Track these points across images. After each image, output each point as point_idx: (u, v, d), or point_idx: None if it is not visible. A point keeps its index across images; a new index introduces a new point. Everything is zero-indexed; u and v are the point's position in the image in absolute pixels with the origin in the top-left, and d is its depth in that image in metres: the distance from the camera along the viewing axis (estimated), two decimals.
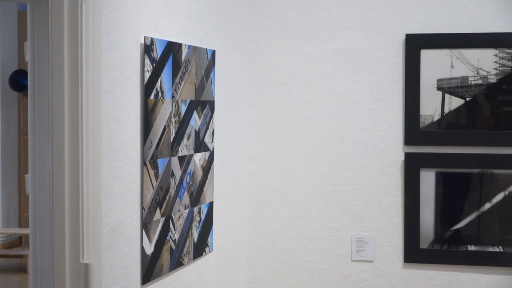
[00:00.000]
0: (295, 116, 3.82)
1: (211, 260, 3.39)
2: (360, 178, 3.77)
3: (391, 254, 3.77)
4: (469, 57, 3.64)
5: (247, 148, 3.86)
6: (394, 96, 3.73)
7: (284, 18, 3.81)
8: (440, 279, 3.73)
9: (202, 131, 3.24)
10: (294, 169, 3.83)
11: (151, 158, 2.75)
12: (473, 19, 3.65)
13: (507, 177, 3.64)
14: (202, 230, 3.27)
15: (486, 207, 3.66)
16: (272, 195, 3.85)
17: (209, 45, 3.30)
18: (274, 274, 3.87)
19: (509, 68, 3.61)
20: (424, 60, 3.68)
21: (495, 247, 3.67)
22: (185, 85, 3.03)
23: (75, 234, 2.40)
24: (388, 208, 3.76)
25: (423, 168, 3.70)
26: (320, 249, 3.82)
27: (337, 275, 3.81)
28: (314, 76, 3.79)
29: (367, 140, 3.76)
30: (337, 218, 3.80)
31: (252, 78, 3.84)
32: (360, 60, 3.75)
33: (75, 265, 2.41)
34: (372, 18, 3.74)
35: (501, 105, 3.63)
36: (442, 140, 3.68)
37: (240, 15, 3.76)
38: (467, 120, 3.66)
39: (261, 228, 3.87)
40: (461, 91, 3.65)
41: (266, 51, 3.83)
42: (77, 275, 2.41)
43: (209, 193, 3.33)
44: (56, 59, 2.37)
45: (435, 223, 3.70)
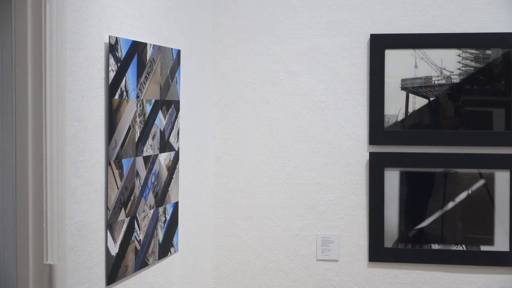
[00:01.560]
0: (260, 116, 3.82)
1: (176, 260, 3.38)
2: (325, 178, 3.79)
3: (356, 253, 3.78)
4: (433, 57, 3.66)
5: (212, 148, 3.85)
6: (359, 96, 3.74)
7: (250, 18, 3.81)
8: (404, 278, 3.75)
9: (167, 131, 3.23)
10: (259, 168, 3.83)
11: (115, 158, 2.74)
12: (437, 19, 3.68)
13: (470, 177, 3.67)
14: (167, 230, 3.25)
15: (450, 206, 3.69)
16: (238, 194, 3.85)
17: (174, 44, 3.29)
18: (240, 274, 3.87)
19: (472, 68, 3.64)
20: (389, 60, 3.70)
21: (458, 245, 3.70)
22: (150, 85, 3.02)
23: (38, 234, 2.38)
24: (353, 207, 3.78)
25: (388, 168, 3.72)
26: (285, 249, 3.83)
27: (302, 275, 3.82)
28: (279, 76, 3.80)
29: (332, 139, 3.77)
30: (302, 217, 3.81)
31: (217, 77, 3.84)
32: (325, 60, 3.76)
33: (38, 266, 2.39)
34: (337, 18, 3.75)
35: (464, 105, 3.66)
36: (406, 140, 3.70)
37: (205, 15, 3.75)
38: (431, 119, 3.69)
39: (227, 228, 3.86)
40: (424, 91, 3.68)
41: (232, 51, 3.83)
42: (41, 276, 2.39)
43: (174, 193, 3.32)
44: (20, 58, 2.35)
45: (399, 222, 3.73)
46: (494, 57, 3.63)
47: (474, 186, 3.67)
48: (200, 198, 3.70)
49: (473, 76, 3.65)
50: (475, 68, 3.64)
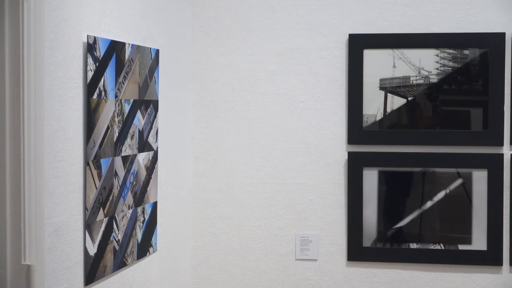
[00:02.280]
0: (239, 116, 3.82)
1: (155, 260, 3.37)
2: (304, 177, 3.79)
3: (335, 253, 3.79)
4: (411, 57, 3.68)
5: (191, 148, 3.85)
6: (338, 95, 3.75)
7: (228, 18, 3.81)
8: (383, 277, 3.76)
9: (146, 131, 3.22)
10: (238, 168, 3.83)
11: (94, 158, 2.73)
12: (415, 19, 3.69)
13: (448, 176, 3.69)
14: (146, 230, 3.25)
15: (428, 205, 3.71)
16: (216, 194, 3.85)
17: (153, 44, 3.29)
18: (219, 274, 3.86)
19: (450, 68, 3.66)
20: (367, 60, 3.71)
21: (436, 244, 3.71)
22: (128, 85, 3.01)
23: (16, 235, 2.37)
24: (332, 207, 3.78)
25: (366, 167, 3.73)
26: (264, 248, 3.83)
27: (281, 274, 3.82)
28: (258, 75, 3.80)
29: (311, 139, 3.78)
30: (281, 217, 3.82)
31: (196, 77, 3.84)
32: (304, 59, 3.77)
33: (16, 267, 2.38)
34: (315, 18, 3.76)
35: (442, 104, 3.68)
36: (385, 140, 3.71)
37: (184, 14, 3.74)
38: (409, 119, 3.70)
39: (205, 228, 3.86)
40: (403, 91, 3.69)
41: (210, 51, 3.83)
42: (19, 276, 2.37)
43: (153, 193, 3.31)
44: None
45: (377, 222, 3.74)
46: (472, 57, 3.64)
47: (452, 185, 3.69)
48: (179, 198, 3.69)
49: (451, 76, 3.66)
50: (453, 68, 3.66)
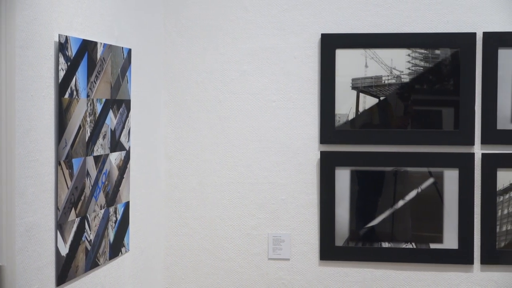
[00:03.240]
0: (212, 115, 3.82)
1: (127, 260, 3.36)
2: (276, 177, 3.80)
3: (307, 252, 3.80)
4: (383, 56, 3.69)
5: (163, 147, 3.84)
6: (310, 95, 3.76)
7: (201, 17, 3.80)
8: (355, 276, 3.78)
9: (118, 130, 3.21)
10: (211, 168, 3.83)
11: (65, 158, 2.71)
12: (387, 19, 3.71)
13: (419, 175, 3.71)
14: (118, 230, 3.24)
15: (400, 204, 3.73)
16: (189, 194, 3.84)
17: (125, 43, 3.28)
18: (191, 274, 3.86)
19: (421, 68, 3.68)
20: (339, 60, 3.72)
21: (408, 243, 3.73)
22: (100, 84, 3.00)
23: None
24: (304, 206, 3.79)
25: (338, 167, 3.74)
26: (237, 248, 3.83)
27: (254, 274, 3.83)
28: (231, 75, 3.80)
29: (284, 139, 3.79)
30: (254, 216, 3.82)
31: (168, 77, 3.83)
32: (276, 59, 3.77)
33: None
34: (288, 17, 3.76)
35: (414, 104, 3.70)
36: (357, 139, 3.73)
37: (156, 13, 3.73)
38: (381, 119, 3.72)
39: (178, 228, 3.85)
40: (375, 91, 3.71)
41: (183, 50, 3.82)
42: None
43: (125, 193, 3.30)
44: None
45: (350, 221, 3.75)
46: (443, 57, 3.67)
47: (424, 184, 3.71)
48: (151, 198, 3.68)
49: (423, 76, 3.68)
50: (425, 67, 3.68)
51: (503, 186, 3.68)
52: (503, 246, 3.68)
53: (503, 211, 3.68)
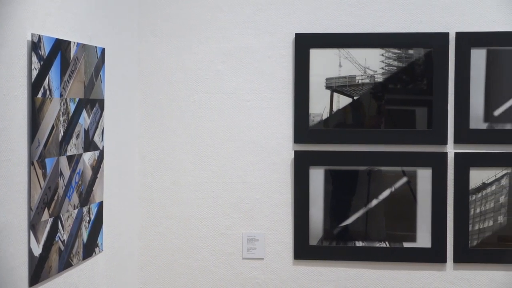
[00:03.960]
0: (186, 115, 3.81)
1: (101, 261, 3.35)
2: (250, 176, 3.80)
3: (281, 252, 3.80)
4: (357, 56, 3.71)
5: (137, 147, 3.83)
6: (284, 94, 3.77)
7: (175, 16, 3.80)
8: (329, 275, 3.79)
9: (92, 130, 3.19)
10: (185, 167, 3.82)
11: (38, 158, 2.70)
12: (360, 19, 3.72)
13: (393, 174, 3.72)
14: (91, 230, 3.22)
15: (373, 203, 3.74)
16: (163, 194, 3.83)
17: (99, 43, 3.26)
18: (165, 273, 3.85)
19: (395, 68, 3.69)
20: (313, 59, 3.73)
21: (382, 242, 3.75)
22: (74, 83, 2.99)
23: None
24: (278, 206, 3.80)
25: (312, 166, 3.75)
26: (211, 248, 3.83)
27: (228, 273, 3.83)
28: (205, 74, 3.80)
29: (258, 138, 3.79)
30: (228, 216, 3.82)
31: (142, 76, 3.82)
32: (250, 59, 3.77)
33: None
34: (262, 17, 3.77)
35: (388, 103, 3.72)
36: (331, 138, 3.74)
37: (130, 13, 3.72)
38: (355, 118, 3.73)
39: (152, 227, 3.85)
40: (349, 90, 3.72)
41: (157, 49, 3.81)
42: None
43: (99, 192, 3.29)
44: None
45: (324, 220, 3.76)
46: (417, 56, 3.69)
47: (397, 183, 3.73)
48: (125, 198, 3.67)
49: (396, 76, 3.70)
50: (398, 67, 3.70)
51: (475, 185, 3.70)
52: (475, 244, 3.71)
53: (476, 210, 3.70)
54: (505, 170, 3.68)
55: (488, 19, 3.67)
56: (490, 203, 3.70)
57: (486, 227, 3.70)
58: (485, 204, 3.70)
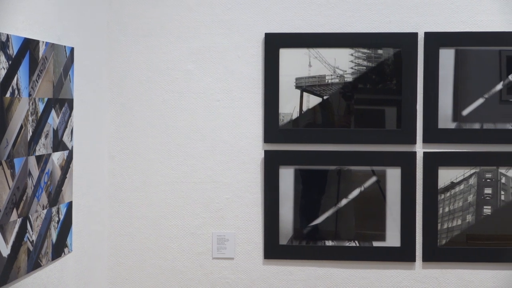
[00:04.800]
0: (156, 115, 3.80)
1: (70, 261, 3.33)
2: (220, 176, 3.80)
3: (251, 251, 3.81)
4: (326, 56, 3.72)
5: (107, 147, 3.81)
6: (254, 94, 3.77)
7: (145, 16, 3.79)
8: (299, 274, 3.79)
9: (61, 130, 3.18)
10: (154, 167, 3.81)
11: (7, 158, 2.68)
12: (330, 19, 3.73)
13: (363, 174, 3.74)
14: (61, 230, 3.21)
15: (343, 203, 3.75)
16: (133, 194, 3.82)
17: (68, 42, 3.25)
18: (135, 274, 3.84)
19: (364, 68, 3.71)
20: (283, 59, 3.73)
21: (351, 242, 3.76)
22: (42, 83, 2.97)
23: None
24: (248, 205, 3.80)
25: (283, 166, 3.76)
26: (181, 248, 3.82)
27: (198, 273, 3.82)
28: (175, 74, 3.79)
29: (228, 138, 3.79)
30: (198, 216, 3.81)
31: (112, 76, 3.80)
32: (220, 58, 3.77)
33: None
34: (232, 17, 3.76)
35: (357, 103, 3.73)
36: (301, 138, 3.74)
37: (100, 12, 3.70)
38: (325, 118, 3.74)
39: (122, 228, 3.83)
40: (318, 90, 3.73)
41: (127, 49, 3.80)
42: None
43: (68, 192, 3.27)
44: None
45: (294, 220, 3.77)
46: (386, 56, 3.70)
47: (367, 183, 3.74)
48: (94, 198, 3.65)
49: (366, 75, 3.71)
50: (367, 67, 3.71)
51: (444, 184, 3.73)
52: (444, 243, 3.74)
53: (444, 209, 3.73)
54: (473, 169, 3.71)
55: (457, 19, 3.70)
56: (458, 202, 3.73)
57: (454, 226, 3.73)
58: (454, 203, 3.73)
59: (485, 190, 3.72)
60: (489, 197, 3.72)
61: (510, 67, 3.68)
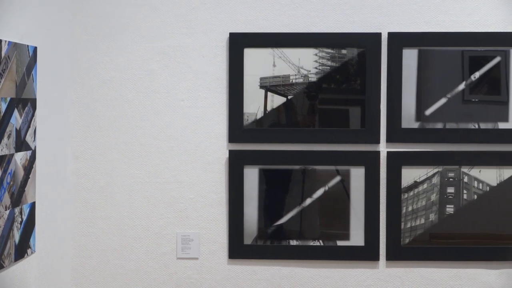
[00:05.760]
0: (120, 114, 3.78)
1: (33, 262, 3.31)
2: (185, 176, 3.79)
3: (216, 251, 3.80)
4: (291, 56, 3.73)
5: (70, 147, 3.79)
6: (219, 94, 3.77)
7: (108, 15, 3.77)
8: (263, 274, 3.80)
9: (24, 130, 3.15)
10: (118, 167, 3.79)
11: None
12: (294, 19, 3.74)
13: (327, 173, 3.75)
14: (23, 231, 3.18)
15: (308, 202, 3.76)
16: (97, 194, 3.80)
17: (31, 41, 3.22)
18: (99, 274, 3.82)
19: (328, 68, 3.72)
20: (248, 59, 3.73)
21: (316, 241, 3.77)
22: (5, 83, 2.94)
23: None
24: (213, 205, 3.80)
25: (247, 165, 3.76)
26: (145, 248, 3.81)
27: (163, 273, 3.81)
28: (139, 74, 3.77)
29: (192, 138, 3.78)
30: (162, 216, 3.80)
31: (75, 75, 3.78)
32: (185, 58, 3.76)
33: None
34: (196, 16, 3.76)
35: (322, 103, 3.74)
36: (265, 138, 3.75)
37: (63, 11, 3.68)
38: (289, 117, 3.75)
39: (86, 228, 3.81)
40: (283, 90, 3.74)
41: (90, 48, 3.77)
42: None
43: (31, 193, 3.25)
44: None
45: (258, 219, 3.77)
46: (350, 56, 3.72)
47: (331, 182, 3.76)
48: (58, 198, 3.63)
49: (330, 75, 3.73)
50: (331, 67, 3.73)
51: (407, 184, 3.75)
52: (407, 242, 3.76)
53: (408, 208, 3.76)
54: (436, 169, 3.74)
55: (420, 19, 3.73)
56: (421, 201, 3.75)
57: (418, 225, 3.76)
58: (417, 202, 3.75)
59: (448, 189, 3.76)
60: (452, 196, 3.76)
61: (472, 67, 3.72)
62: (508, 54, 3.71)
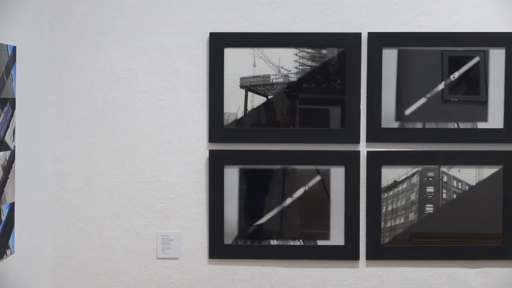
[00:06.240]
0: (99, 114, 3.77)
1: (12, 262, 3.29)
2: (165, 176, 3.78)
3: (196, 251, 3.80)
4: (271, 56, 3.73)
5: (50, 147, 3.77)
6: (199, 94, 3.76)
7: (88, 15, 3.75)
8: (244, 274, 3.80)
9: (2, 130, 3.14)
10: (98, 167, 3.78)
11: None
12: (275, 19, 3.75)
13: (307, 173, 3.76)
14: (3, 231, 3.16)
15: (288, 202, 3.77)
16: (77, 194, 3.79)
17: (10, 41, 3.20)
18: (79, 275, 3.81)
19: (308, 67, 3.73)
20: (228, 59, 3.73)
21: (296, 241, 3.78)
22: None
23: None
24: (193, 205, 3.79)
25: (227, 165, 3.76)
26: (125, 248, 3.80)
27: (143, 273, 3.80)
28: (119, 73, 3.76)
29: (172, 137, 3.78)
30: (142, 216, 3.80)
31: (55, 75, 3.76)
32: (165, 58, 3.76)
33: None
34: (176, 16, 3.75)
35: (302, 103, 3.75)
36: (245, 138, 3.75)
37: (42, 10, 3.66)
38: (270, 117, 3.75)
39: (65, 228, 3.79)
40: (263, 89, 3.74)
41: (70, 48, 3.76)
42: None
43: (10, 193, 3.23)
44: None
45: (239, 219, 3.77)
46: (330, 56, 3.73)
47: (311, 182, 3.76)
48: (37, 198, 3.61)
49: (310, 75, 3.73)
50: (312, 67, 3.73)
51: (387, 183, 3.77)
52: (387, 241, 3.77)
53: (388, 208, 3.77)
54: (416, 168, 3.76)
55: (400, 19, 3.74)
56: (401, 201, 3.77)
57: (397, 224, 3.77)
58: (397, 201, 3.77)
59: (427, 188, 3.77)
60: (431, 195, 3.77)
61: (452, 67, 3.73)
62: (487, 54, 3.73)
